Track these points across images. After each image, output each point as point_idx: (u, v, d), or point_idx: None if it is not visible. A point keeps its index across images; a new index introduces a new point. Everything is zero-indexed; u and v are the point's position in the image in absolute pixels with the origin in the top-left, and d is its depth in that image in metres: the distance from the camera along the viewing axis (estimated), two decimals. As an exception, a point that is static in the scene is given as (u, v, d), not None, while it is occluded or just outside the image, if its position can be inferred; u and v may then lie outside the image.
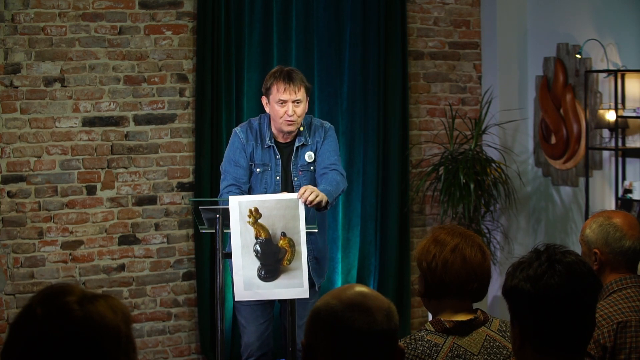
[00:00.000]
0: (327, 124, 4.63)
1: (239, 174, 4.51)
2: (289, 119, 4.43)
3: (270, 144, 4.53)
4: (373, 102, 6.35)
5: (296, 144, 4.54)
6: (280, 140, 4.56)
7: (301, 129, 4.55)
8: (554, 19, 6.45)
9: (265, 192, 4.50)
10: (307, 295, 4.17)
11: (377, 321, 1.95)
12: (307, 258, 4.19)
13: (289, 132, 4.51)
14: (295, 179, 4.52)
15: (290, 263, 4.17)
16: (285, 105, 4.43)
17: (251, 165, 4.54)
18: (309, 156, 4.54)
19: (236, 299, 4.23)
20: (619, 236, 3.17)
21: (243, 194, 4.43)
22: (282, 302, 4.52)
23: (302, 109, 4.48)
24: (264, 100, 4.55)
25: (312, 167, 4.54)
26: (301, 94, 4.46)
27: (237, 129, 4.60)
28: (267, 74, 4.60)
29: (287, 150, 4.56)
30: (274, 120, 4.51)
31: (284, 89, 4.42)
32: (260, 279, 4.15)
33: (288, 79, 4.44)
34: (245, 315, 4.57)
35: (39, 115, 5.62)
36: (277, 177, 4.53)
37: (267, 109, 4.54)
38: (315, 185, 4.45)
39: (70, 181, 5.70)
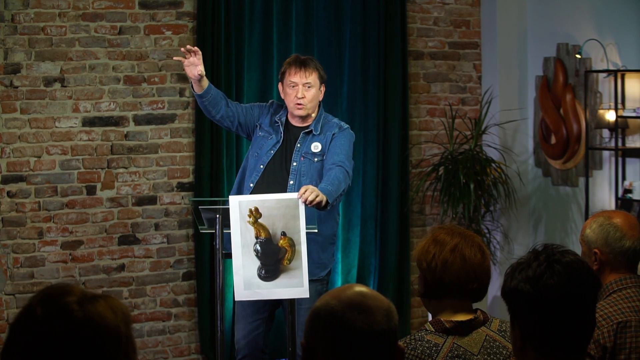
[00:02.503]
0: (344, 124, 4.71)
1: (244, 106, 4.75)
2: (299, 101, 4.56)
3: (277, 120, 4.64)
4: (373, 102, 6.35)
5: (305, 130, 4.61)
6: (293, 123, 4.66)
7: (313, 115, 4.62)
8: (554, 19, 6.45)
9: (257, 156, 4.61)
10: (307, 295, 4.17)
11: (376, 321, 1.94)
12: (307, 258, 4.19)
13: (300, 117, 4.61)
14: (295, 163, 4.55)
15: (290, 263, 4.17)
16: (296, 88, 4.56)
17: (259, 126, 4.68)
18: (315, 146, 4.57)
19: (236, 299, 4.24)
20: (619, 236, 3.17)
21: (228, 105, 4.69)
22: (282, 304, 4.52)
23: (312, 94, 4.59)
24: (280, 86, 4.70)
25: (315, 159, 4.56)
26: (312, 79, 4.59)
27: (271, 101, 4.87)
28: (284, 62, 4.75)
29: (296, 132, 4.63)
30: (287, 106, 4.65)
31: (295, 72, 4.58)
32: (260, 279, 4.15)
33: (301, 63, 4.61)
34: (237, 312, 4.64)
35: (39, 115, 5.62)
36: (275, 148, 4.59)
37: (282, 96, 4.69)
38: (316, 175, 4.49)
39: (70, 181, 5.70)
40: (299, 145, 4.58)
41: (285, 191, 4.47)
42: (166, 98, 5.90)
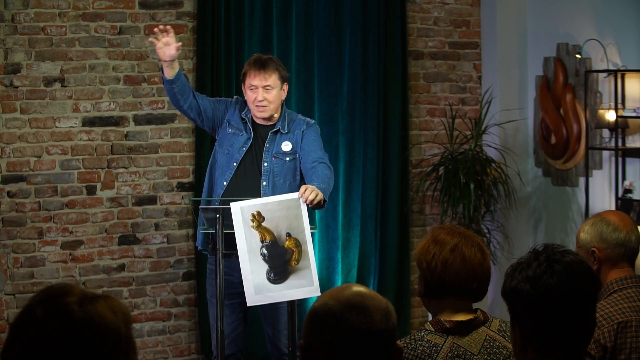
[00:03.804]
0: (311, 120, 4.67)
1: (210, 101, 4.64)
2: (259, 104, 4.50)
3: (244, 117, 4.59)
4: (373, 102, 6.35)
5: (272, 130, 4.57)
6: (259, 122, 4.61)
7: (275, 115, 4.58)
8: (554, 19, 6.45)
9: (229, 153, 4.54)
10: (318, 294, 4.14)
11: (375, 321, 1.94)
12: (314, 256, 4.19)
13: (262, 118, 4.55)
14: (266, 164, 4.51)
15: (298, 263, 4.17)
16: (256, 91, 4.51)
17: (227, 122, 4.60)
18: (285, 145, 4.55)
19: (248, 304, 4.20)
20: (613, 229, 3.17)
21: (196, 97, 4.57)
22: (261, 306, 4.48)
23: (273, 95, 4.53)
24: (243, 87, 4.63)
25: (287, 158, 4.54)
26: (272, 80, 4.52)
27: (236, 97, 4.77)
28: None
29: (263, 131, 4.59)
30: (250, 107, 4.59)
31: (254, 75, 4.52)
32: (270, 282, 4.14)
33: (260, 65, 4.53)
34: (213, 314, 4.55)
35: (39, 115, 5.62)
36: (247, 145, 4.54)
37: (245, 96, 4.63)
38: (290, 175, 4.48)
39: (70, 181, 5.70)
40: (267, 145, 4.54)
41: (258, 190, 4.46)
42: (166, 98, 5.89)
